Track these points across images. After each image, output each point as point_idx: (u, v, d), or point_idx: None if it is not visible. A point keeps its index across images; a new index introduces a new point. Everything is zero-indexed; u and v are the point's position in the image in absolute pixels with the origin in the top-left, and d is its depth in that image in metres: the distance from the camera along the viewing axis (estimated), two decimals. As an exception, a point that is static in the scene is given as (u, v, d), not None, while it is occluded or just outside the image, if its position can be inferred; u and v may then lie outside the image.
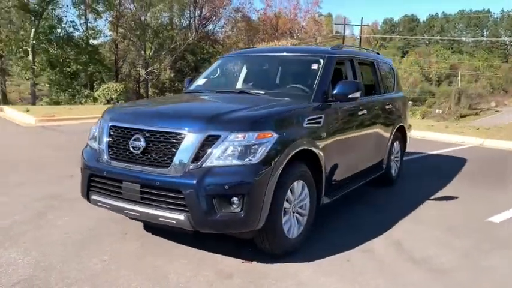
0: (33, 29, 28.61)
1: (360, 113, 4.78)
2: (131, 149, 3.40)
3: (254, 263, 3.51)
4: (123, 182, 3.38)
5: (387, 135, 5.63)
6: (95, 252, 3.57)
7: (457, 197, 5.61)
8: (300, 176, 3.67)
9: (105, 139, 3.60)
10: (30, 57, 29.89)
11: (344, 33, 46.71)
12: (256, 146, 3.22)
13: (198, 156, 3.18)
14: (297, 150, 3.52)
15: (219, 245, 3.76)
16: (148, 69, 33.44)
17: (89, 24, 32.37)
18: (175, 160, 3.21)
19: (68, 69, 29.36)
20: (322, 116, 4.01)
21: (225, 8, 37.87)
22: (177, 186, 3.15)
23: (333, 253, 3.73)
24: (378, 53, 6.57)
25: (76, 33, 31.07)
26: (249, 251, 3.65)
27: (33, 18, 29.13)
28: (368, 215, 4.82)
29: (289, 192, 3.54)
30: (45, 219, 4.31)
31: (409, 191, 5.92)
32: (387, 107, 5.63)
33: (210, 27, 38.70)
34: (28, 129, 11.12)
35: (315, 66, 4.48)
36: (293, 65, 4.85)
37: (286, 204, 3.53)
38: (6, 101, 28.89)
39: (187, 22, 37.24)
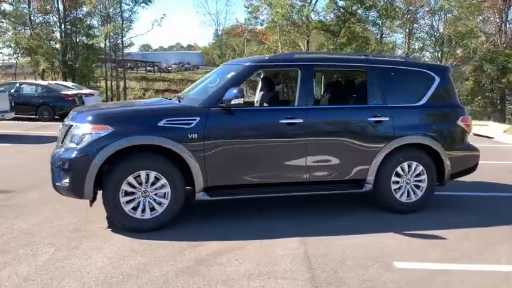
0: (331, 46, 32.60)
1: (285, 121, 4.64)
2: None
3: (108, 230, 4.45)
4: None
5: (372, 149, 4.92)
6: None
7: (434, 237, 4.39)
8: (151, 167, 4.33)
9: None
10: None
11: None
12: (88, 135, 4.23)
13: (63, 139, 4.46)
14: (135, 143, 4.25)
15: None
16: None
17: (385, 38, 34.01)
18: (58, 141, 4.59)
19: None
20: (197, 118, 4.41)
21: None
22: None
23: (155, 238, 4.21)
24: (404, 59, 5.58)
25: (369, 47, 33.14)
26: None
27: (331, 36, 33.10)
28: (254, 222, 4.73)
29: (131, 178, 4.29)
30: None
31: (390, 220, 4.91)
32: (372, 119, 4.91)
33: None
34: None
35: (230, 74, 4.78)
36: (225, 73, 5.13)
37: (128, 188, 4.30)
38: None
39: (496, 28, 33.46)
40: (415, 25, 32.87)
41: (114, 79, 36.31)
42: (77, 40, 33.78)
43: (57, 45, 33.71)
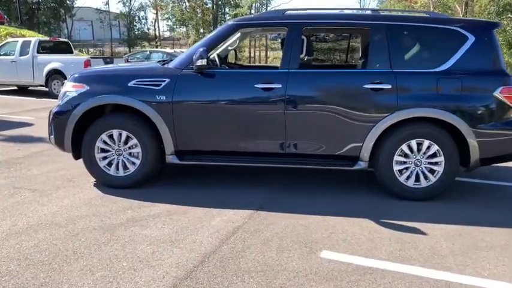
0: (493, 8, 28.35)
1: (261, 85, 4.24)
2: None
3: (92, 184, 4.76)
4: None
5: (367, 123, 4.21)
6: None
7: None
8: (122, 127, 4.46)
9: None
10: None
11: None
12: (69, 92, 4.55)
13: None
14: (104, 102, 4.42)
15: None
16: None
17: None
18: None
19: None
20: (167, 80, 4.35)
21: None
22: (51, 114, 4.99)
23: (119, 195, 4.34)
24: (428, 14, 4.49)
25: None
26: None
27: None
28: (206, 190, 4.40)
29: (105, 136, 4.49)
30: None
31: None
32: (368, 86, 4.17)
33: None
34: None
35: (212, 33, 4.56)
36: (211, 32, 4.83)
37: (103, 145, 4.52)
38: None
39: None
40: None
41: (257, 49, 37.58)
42: (225, 11, 35.71)
43: (209, 17, 36.16)
